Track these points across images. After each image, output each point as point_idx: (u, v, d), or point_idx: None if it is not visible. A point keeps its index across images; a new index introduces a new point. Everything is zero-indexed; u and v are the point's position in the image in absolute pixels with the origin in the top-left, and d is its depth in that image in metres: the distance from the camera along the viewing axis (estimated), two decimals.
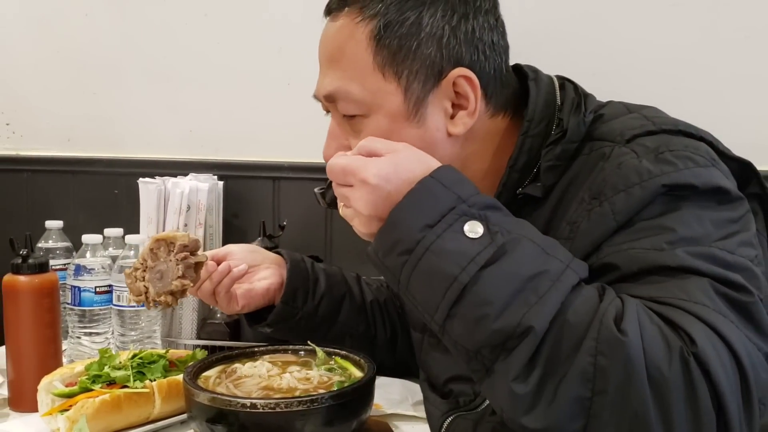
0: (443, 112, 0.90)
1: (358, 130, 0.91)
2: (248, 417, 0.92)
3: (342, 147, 0.93)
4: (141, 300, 1.02)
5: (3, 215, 1.75)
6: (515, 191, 0.91)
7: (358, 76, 0.89)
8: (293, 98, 1.60)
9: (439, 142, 0.90)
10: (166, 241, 1.00)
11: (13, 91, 1.75)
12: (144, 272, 1.01)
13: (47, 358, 1.21)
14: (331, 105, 0.94)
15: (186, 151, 1.66)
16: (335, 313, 1.22)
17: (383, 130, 0.89)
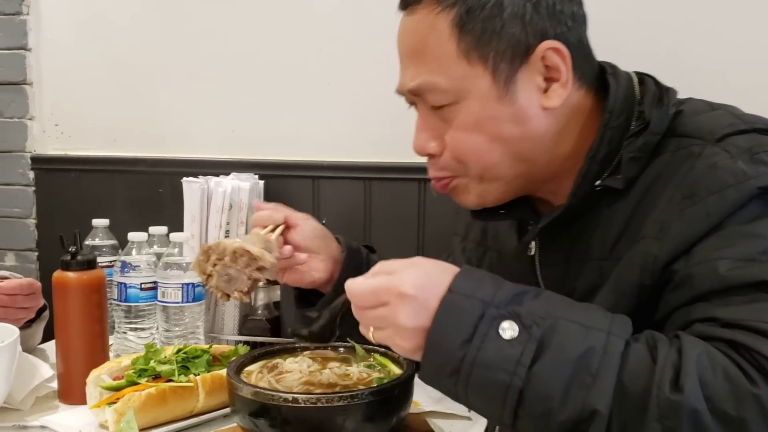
0: (535, 88, 0.89)
1: (449, 119, 0.91)
2: (290, 411, 0.94)
3: (431, 138, 0.94)
4: (201, 276, 1.05)
5: (52, 213, 1.80)
6: (593, 183, 0.90)
7: (443, 66, 0.89)
8: (333, 98, 1.63)
9: (533, 117, 0.89)
10: (252, 256, 1.02)
11: (61, 93, 1.80)
12: (218, 260, 1.03)
13: (95, 352, 1.24)
14: (417, 98, 0.94)
15: (228, 151, 1.69)
16: None
17: (475, 114, 0.89)
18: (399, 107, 1.57)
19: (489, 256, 1.12)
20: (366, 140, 1.61)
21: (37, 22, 1.78)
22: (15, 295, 1.32)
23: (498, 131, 0.89)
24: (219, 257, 1.03)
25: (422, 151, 0.96)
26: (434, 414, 1.19)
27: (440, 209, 1.57)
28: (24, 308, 1.33)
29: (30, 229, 1.83)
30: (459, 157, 0.92)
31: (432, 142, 0.94)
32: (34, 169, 1.81)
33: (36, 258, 1.84)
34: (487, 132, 0.89)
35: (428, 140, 0.94)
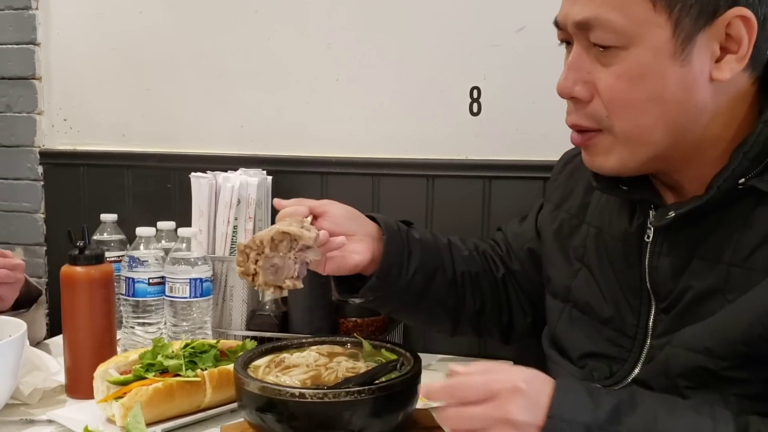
0: (710, 54, 0.82)
1: (609, 63, 0.84)
2: (297, 406, 0.94)
3: (581, 80, 0.87)
4: (247, 279, 1.01)
5: (61, 208, 1.81)
6: (738, 180, 0.84)
7: (623, 3, 0.82)
8: (342, 94, 1.62)
9: (700, 84, 0.83)
10: (291, 236, 0.97)
11: (70, 88, 1.80)
12: (258, 255, 0.99)
13: (103, 346, 1.24)
14: (580, 33, 0.86)
15: (236, 146, 1.69)
16: (427, 288, 1.16)
17: (643, 64, 0.83)
18: (407, 103, 1.59)
19: (586, 230, 1.05)
20: (374, 136, 1.61)
21: (46, 16, 1.79)
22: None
23: (661, 91, 0.83)
24: (258, 251, 0.98)
25: (568, 93, 0.88)
26: None
27: (447, 205, 1.56)
28: (6, 283, 1.31)
29: (38, 224, 1.83)
30: (611, 108, 0.86)
31: (581, 85, 0.87)
32: (43, 163, 1.81)
33: (44, 252, 1.84)
34: (650, 88, 0.83)
35: (578, 82, 0.87)
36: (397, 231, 1.14)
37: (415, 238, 1.16)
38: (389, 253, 1.10)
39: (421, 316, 1.23)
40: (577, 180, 1.12)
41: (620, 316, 0.97)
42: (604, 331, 0.99)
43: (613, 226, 1.00)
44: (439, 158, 1.57)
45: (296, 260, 0.98)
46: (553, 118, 1.46)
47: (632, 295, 0.96)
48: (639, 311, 0.95)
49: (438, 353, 1.55)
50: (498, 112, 1.53)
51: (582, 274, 1.04)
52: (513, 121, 1.52)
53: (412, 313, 1.22)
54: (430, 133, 1.58)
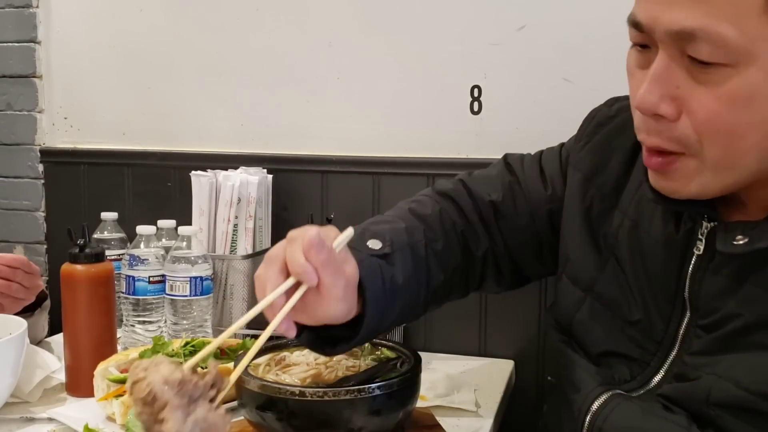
0: None
1: (709, 82, 0.73)
2: (297, 404, 0.94)
3: (668, 96, 0.75)
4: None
5: (61, 206, 1.81)
6: None
7: (740, 16, 0.70)
8: (343, 92, 1.62)
9: None
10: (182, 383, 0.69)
11: (71, 86, 1.80)
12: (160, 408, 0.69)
13: (103, 345, 1.24)
14: (674, 42, 0.74)
15: (237, 144, 1.69)
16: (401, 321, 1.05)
17: (752, 85, 0.72)
18: (407, 101, 1.59)
19: (620, 219, 0.95)
20: (375, 135, 1.61)
21: (47, 15, 1.78)
22: (16, 269, 1.31)
23: (766, 113, 0.73)
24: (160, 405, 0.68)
25: (651, 109, 0.76)
26: (441, 409, 1.19)
27: None
28: (25, 287, 1.32)
29: (39, 222, 1.83)
30: (705, 132, 0.75)
31: (668, 102, 0.75)
32: (44, 162, 1.81)
33: (45, 251, 1.84)
34: (756, 113, 0.73)
35: (664, 98, 0.75)
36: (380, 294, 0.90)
37: (397, 285, 0.93)
38: (369, 324, 0.89)
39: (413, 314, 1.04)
40: (612, 151, 0.99)
41: (648, 318, 0.90)
42: (627, 331, 0.92)
43: (654, 227, 0.91)
44: (439, 157, 1.57)
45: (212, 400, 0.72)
46: (554, 117, 1.48)
47: (665, 300, 0.89)
48: (669, 318, 0.88)
49: (439, 352, 1.55)
50: (499, 110, 1.53)
51: (611, 266, 0.95)
52: (514, 120, 1.52)
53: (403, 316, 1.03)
54: (430, 132, 1.57)
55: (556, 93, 1.48)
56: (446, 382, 1.28)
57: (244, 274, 1.47)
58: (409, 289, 0.96)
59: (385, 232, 0.95)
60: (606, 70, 1.38)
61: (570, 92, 1.47)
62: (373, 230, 0.96)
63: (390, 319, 0.94)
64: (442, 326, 1.58)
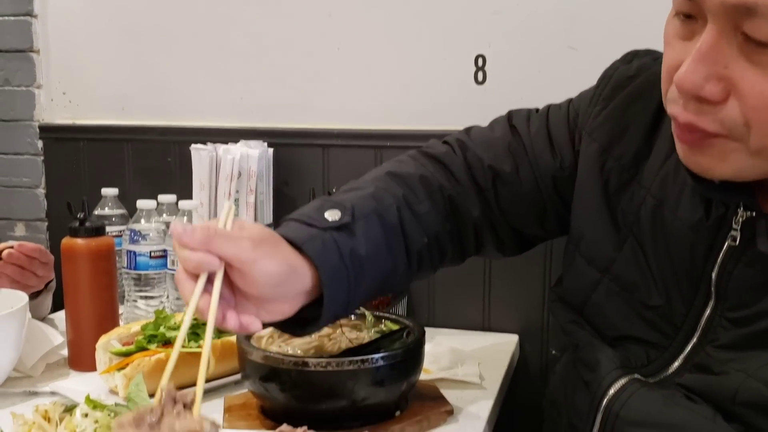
0: None
1: (763, 63, 0.67)
2: (300, 375, 0.93)
3: (715, 76, 0.69)
4: None
5: (62, 183, 1.79)
6: None
7: None
8: (343, 64, 1.60)
9: None
10: None
11: (69, 61, 1.78)
12: None
13: (105, 319, 1.24)
14: (729, 17, 0.67)
15: (237, 118, 1.67)
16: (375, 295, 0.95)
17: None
18: (410, 72, 1.56)
19: (641, 196, 0.89)
20: (377, 107, 1.59)
21: None
22: (33, 258, 1.32)
23: None
24: None
25: (695, 90, 0.70)
26: (445, 382, 1.19)
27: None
28: (37, 276, 1.33)
29: (39, 199, 1.82)
30: (755, 117, 0.69)
31: (714, 82, 0.69)
32: (43, 138, 1.79)
33: (46, 228, 1.83)
34: None
35: (710, 78, 0.69)
36: (340, 270, 0.84)
37: (360, 257, 0.86)
38: (332, 305, 0.83)
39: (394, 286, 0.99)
40: (632, 117, 0.92)
41: (668, 301, 0.86)
42: (645, 314, 0.88)
43: (681, 209, 0.85)
44: (443, 129, 1.53)
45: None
46: (558, 87, 1.45)
47: (688, 285, 0.84)
48: (692, 303, 0.84)
49: (443, 327, 1.54)
50: (503, 80, 1.50)
51: (630, 245, 0.90)
52: (519, 90, 1.49)
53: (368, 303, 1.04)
54: (434, 103, 1.55)
55: (561, 61, 1.46)
56: (450, 355, 1.28)
57: None
58: (379, 257, 0.90)
59: (347, 201, 0.90)
60: (612, 38, 1.36)
61: (576, 60, 1.44)
62: (335, 200, 0.90)
63: (364, 290, 0.88)
64: (446, 301, 1.57)
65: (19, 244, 1.31)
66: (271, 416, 1.00)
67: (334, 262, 0.83)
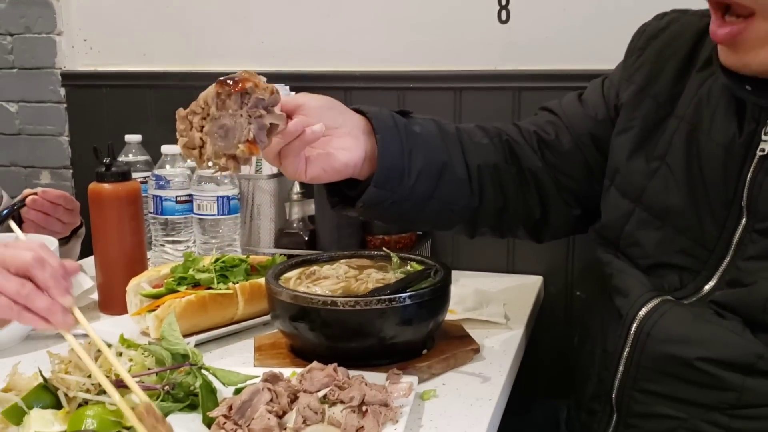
0: None
1: None
2: (329, 314, 0.94)
3: None
4: (193, 155, 0.82)
5: (85, 130, 1.80)
6: None
7: None
8: (363, 4, 1.57)
9: None
10: (242, 90, 0.79)
11: (89, 7, 1.77)
12: (203, 120, 0.81)
13: (134, 262, 1.25)
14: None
15: (258, 62, 1.65)
16: (433, 190, 0.99)
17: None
18: (432, 12, 1.53)
19: (675, 125, 0.93)
20: (399, 48, 1.57)
21: None
22: (57, 205, 1.33)
23: None
24: (203, 115, 0.80)
25: None
26: (470, 321, 1.20)
27: (476, 118, 1.51)
28: (62, 222, 1.34)
29: (63, 147, 1.83)
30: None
31: None
32: (65, 85, 1.80)
33: (71, 176, 1.85)
34: None
35: None
36: (393, 126, 0.95)
37: (415, 133, 0.97)
38: (386, 154, 0.92)
39: (430, 223, 1.11)
40: (665, 60, 0.97)
41: (700, 225, 0.88)
42: (679, 240, 0.90)
43: (715, 128, 0.88)
44: (467, 69, 1.53)
45: (251, 120, 0.79)
46: (585, 26, 1.43)
47: (720, 206, 0.87)
48: (724, 224, 0.86)
49: (467, 269, 1.55)
50: (527, 19, 1.47)
51: (662, 173, 0.93)
52: (543, 29, 1.47)
53: (418, 221, 1.09)
54: (456, 44, 1.53)
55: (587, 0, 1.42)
56: (475, 296, 1.28)
57: (270, 193, 1.46)
58: (433, 143, 0.99)
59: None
60: None
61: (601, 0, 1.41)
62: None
63: (419, 167, 0.96)
64: (470, 244, 1.56)
65: (42, 190, 1.32)
66: (300, 355, 1.01)
67: (387, 120, 0.95)
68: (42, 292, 0.79)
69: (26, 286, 0.78)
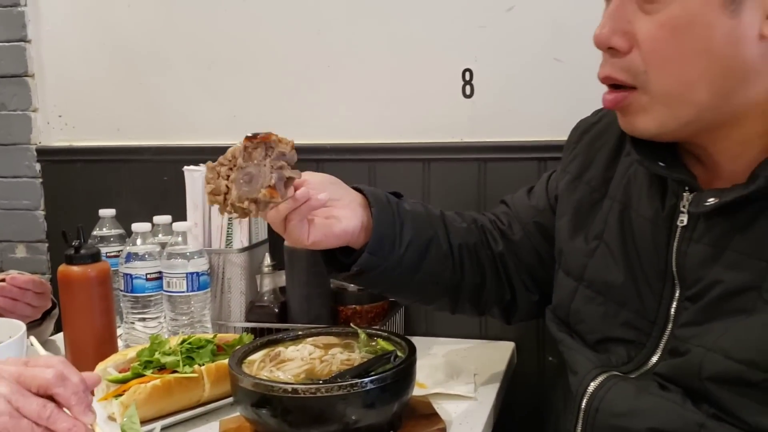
0: (762, 10, 0.78)
1: (653, 11, 0.80)
2: (291, 401, 0.95)
3: (620, 30, 0.83)
4: (217, 201, 0.92)
5: (61, 204, 1.81)
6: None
7: None
8: (334, 80, 1.61)
9: (748, 41, 0.78)
10: (266, 143, 0.90)
11: (64, 84, 1.80)
12: (230, 170, 0.91)
13: (103, 343, 1.26)
14: None
15: (230, 136, 1.66)
16: (421, 261, 1.08)
17: (690, 12, 0.78)
18: (399, 87, 1.57)
19: (609, 205, 0.99)
20: (368, 121, 1.60)
21: (36, 13, 1.78)
22: (26, 290, 1.33)
23: (707, 43, 0.78)
24: (230, 166, 0.91)
25: (605, 42, 0.84)
26: (439, 396, 1.20)
27: (444, 189, 1.56)
28: (32, 306, 1.34)
29: (39, 221, 1.84)
30: (651, 60, 0.81)
31: (620, 35, 0.82)
32: (41, 161, 1.82)
33: (46, 249, 1.85)
34: (696, 39, 0.78)
35: (617, 31, 0.82)
36: (386, 202, 1.06)
37: (405, 210, 1.08)
38: (380, 224, 1.03)
39: (417, 294, 1.16)
40: (597, 150, 1.05)
41: (640, 298, 0.92)
42: (621, 314, 0.94)
43: (642, 205, 0.94)
44: (434, 142, 1.56)
45: (273, 169, 0.89)
46: (547, 98, 1.47)
47: (655, 278, 0.91)
48: (661, 295, 0.90)
49: (440, 336, 1.55)
50: (490, 93, 1.52)
51: (600, 251, 0.98)
52: (507, 102, 1.51)
53: (407, 291, 1.14)
54: (424, 117, 1.57)
55: (547, 73, 1.47)
56: (446, 368, 1.29)
57: (241, 267, 1.47)
58: (421, 221, 1.10)
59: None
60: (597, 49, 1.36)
61: (562, 72, 1.45)
62: None
63: (409, 238, 1.06)
64: None
65: (11, 276, 1.32)
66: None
67: (381, 197, 1.06)
68: (63, 410, 0.79)
69: (48, 407, 0.78)
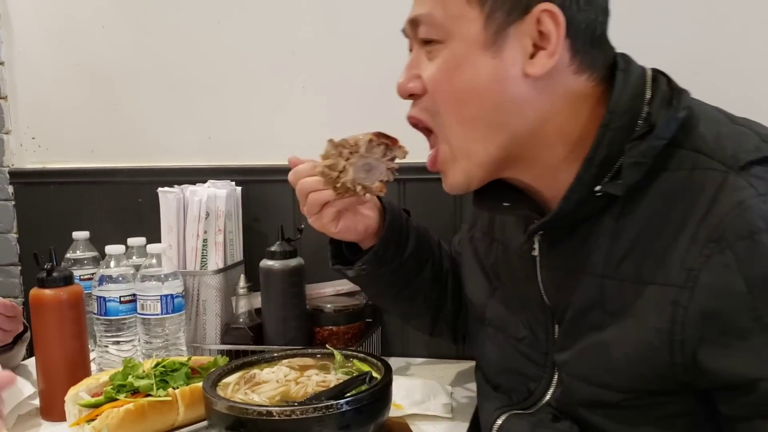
0: (521, 49, 0.84)
1: (433, 57, 0.88)
2: (265, 424, 0.94)
3: (414, 77, 0.90)
4: (330, 175, 1.01)
5: (34, 227, 1.80)
6: (592, 188, 0.83)
7: (444, 1, 0.87)
8: (309, 100, 1.62)
9: (512, 78, 0.84)
10: (388, 144, 1.02)
11: (37, 106, 1.79)
12: (351, 154, 1.01)
13: (75, 368, 1.24)
14: (413, 31, 0.91)
15: (205, 158, 1.68)
16: (416, 274, 1.18)
17: (458, 56, 0.86)
18: (374, 107, 1.58)
19: (496, 247, 1.07)
20: None
21: (9, 35, 1.77)
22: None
23: (475, 81, 0.85)
24: (351, 150, 1.01)
25: (404, 90, 0.92)
26: (416, 416, 1.20)
27: (420, 209, 1.56)
28: (3, 330, 1.33)
29: (12, 244, 1.82)
30: (439, 100, 0.88)
31: (414, 81, 0.90)
32: (13, 183, 1.80)
33: (19, 272, 1.83)
34: (465, 78, 0.85)
35: (412, 79, 0.91)
36: (399, 214, 1.16)
37: (412, 225, 1.19)
38: (391, 229, 1.12)
39: (404, 304, 1.23)
40: None
41: (532, 331, 0.97)
42: (519, 348, 0.99)
43: (512, 242, 1.02)
44: (411, 162, 1.55)
45: (389, 167, 1.02)
46: None
47: (537, 310, 0.96)
48: (546, 326, 0.95)
49: (417, 356, 1.55)
50: None
51: (499, 292, 1.06)
52: None
53: (397, 299, 1.21)
54: (400, 138, 1.56)
55: None
56: (422, 388, 1.29)
57: (216, 288, 1.47)
58: (422, 236, 1.19)
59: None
60: None
61: None
62: None
63: (409, 247, 1.15)
64: None
65: None
66: None
67: (396, 209, 1.16)
68: None
69: None
